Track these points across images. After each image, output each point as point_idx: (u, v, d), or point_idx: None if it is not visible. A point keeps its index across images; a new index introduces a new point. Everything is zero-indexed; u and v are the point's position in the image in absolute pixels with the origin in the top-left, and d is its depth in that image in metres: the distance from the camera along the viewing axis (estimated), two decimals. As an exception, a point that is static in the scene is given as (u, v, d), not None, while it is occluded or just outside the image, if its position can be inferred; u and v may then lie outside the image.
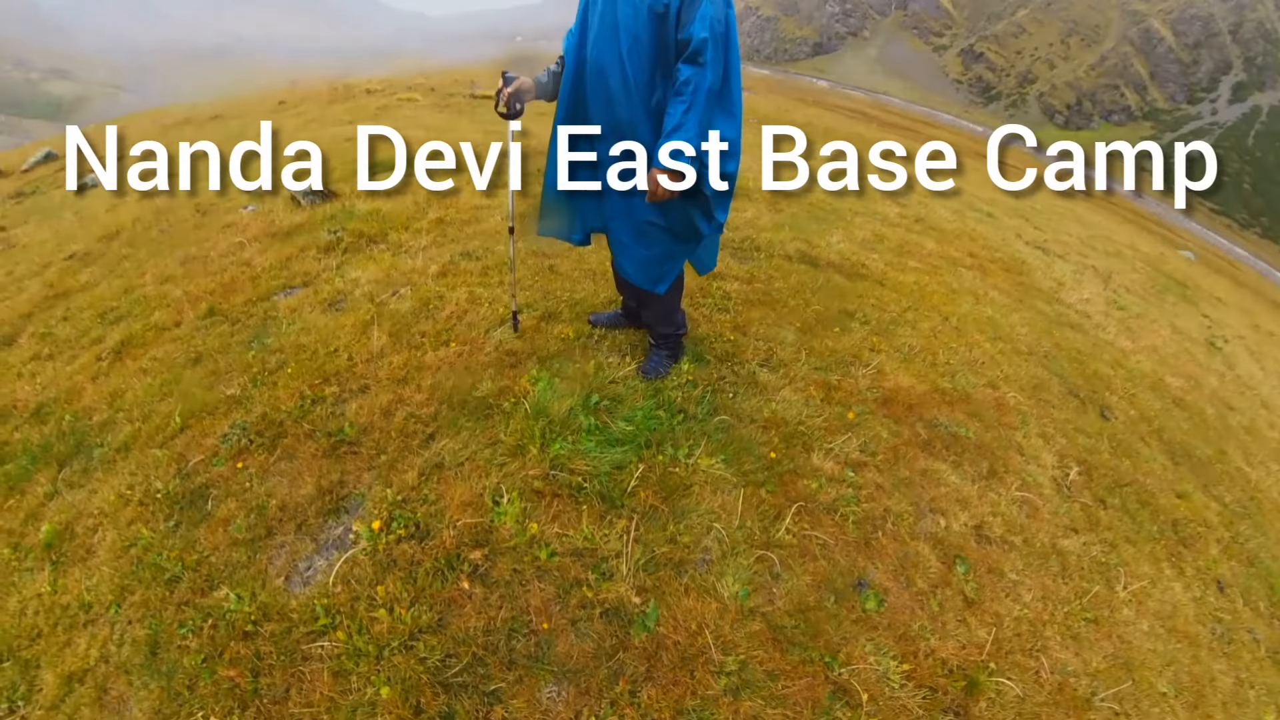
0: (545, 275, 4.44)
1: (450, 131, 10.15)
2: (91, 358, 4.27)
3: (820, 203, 7.31)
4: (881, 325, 4.45)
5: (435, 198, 6.02)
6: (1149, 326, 7.52)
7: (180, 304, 4.61)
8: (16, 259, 7.31)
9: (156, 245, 6.11)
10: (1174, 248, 23.95)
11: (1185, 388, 6.06)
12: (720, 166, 2.77)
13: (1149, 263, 12.92)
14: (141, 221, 6.97)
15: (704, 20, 2.57)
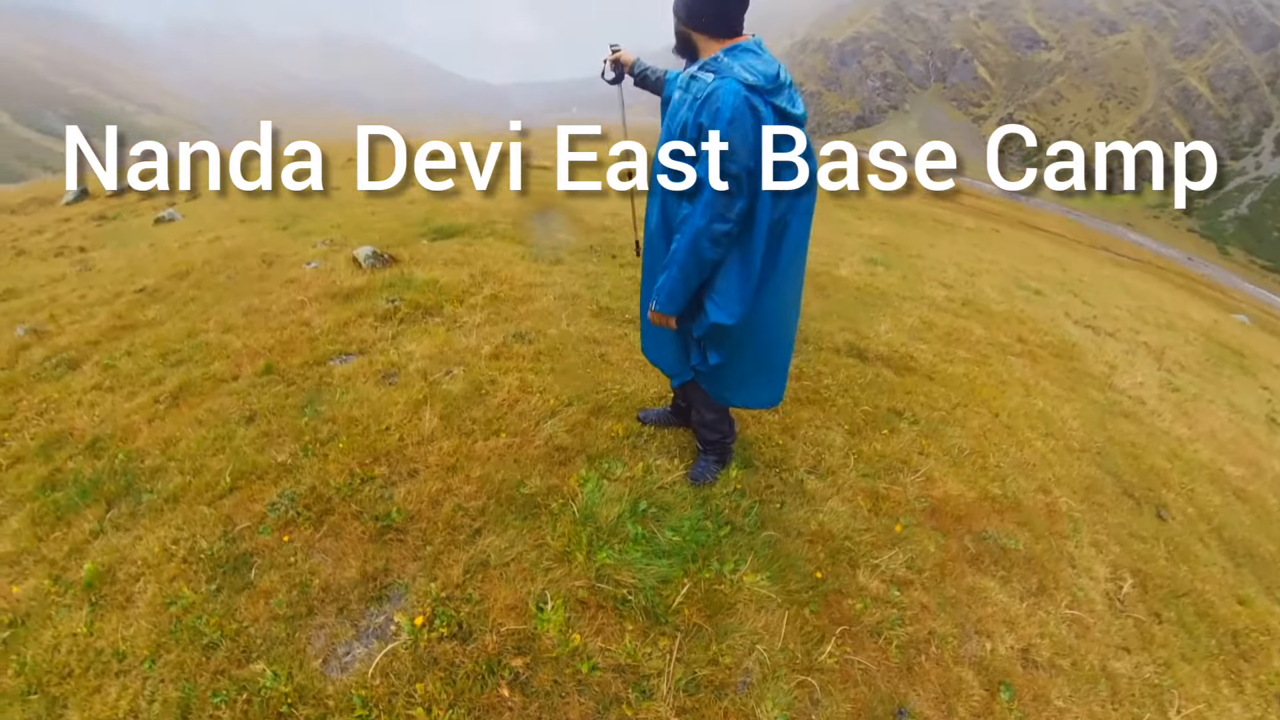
0: (597, 364, 4.38)
1: (505, 199, 10.28)
2: (150, 398, 4.28)
3: (868, 287, 7.20)
4: (931, 425, 4.29)
5: (493, 273, 6.05)
6: (1206, 408, 7.15)
7: (239, 357, 4.65)
8: (91, 283, 7.46)
9: (222, 291, 6.21)
10: (1228, 312, 23.05)
11: (1246, 476, 5.70)
12: (706, 317, 2.65)
13: (1203, 332, 12.41)
14: (210, 265, 7.11)
15: (707, 159, 2.40)
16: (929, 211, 22.15)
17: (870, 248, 10.14)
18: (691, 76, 2.53)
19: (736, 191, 2.40)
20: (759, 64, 2.42)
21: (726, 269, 2.57)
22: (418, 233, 7.71)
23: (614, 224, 8.67)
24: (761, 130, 2.37)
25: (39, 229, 13.82)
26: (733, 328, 2.65)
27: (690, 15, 2.52)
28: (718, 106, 2.35)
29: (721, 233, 2.46)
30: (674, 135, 2.56)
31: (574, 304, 5.40)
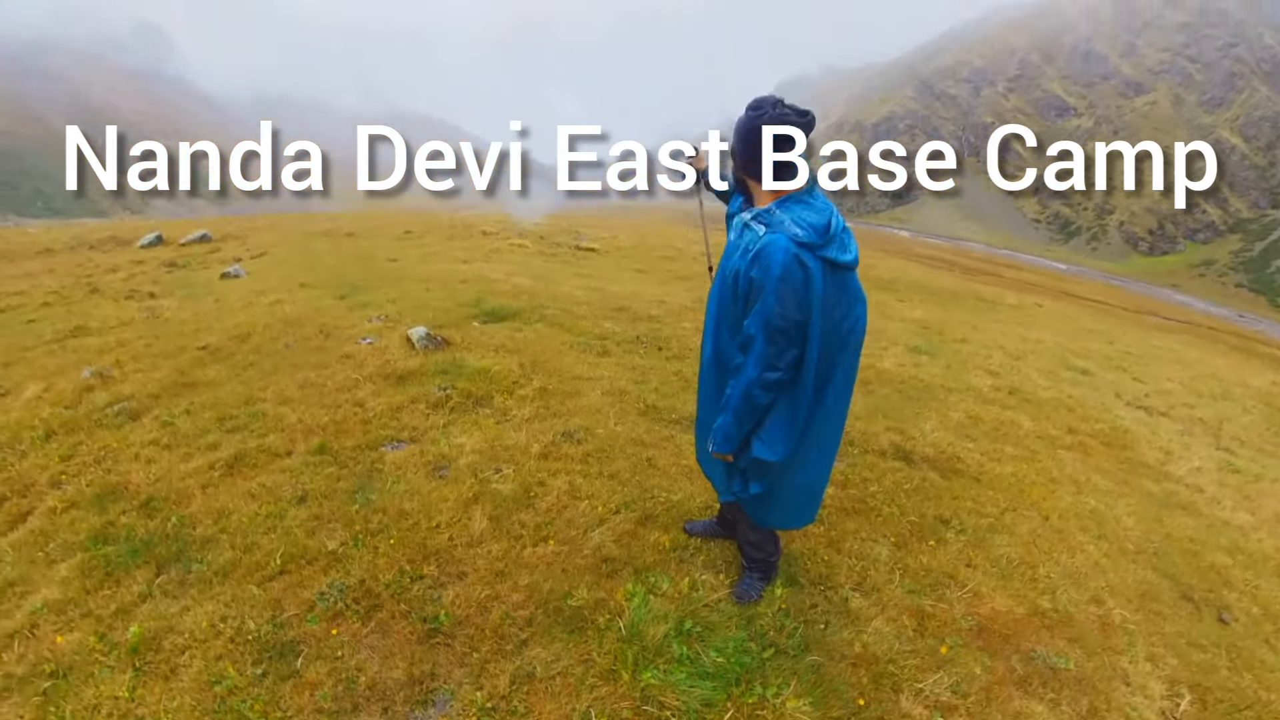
0: (644, 469, 4.38)
1: (553, 284, 10.54)
2: (205, 463, 4.35)
3: (912, 380, 7.11)
4: (978, 533, 4.17)
5: (541, 363, 6.14)
6: (1270, 489, 6.77)
7: (294, 432, 4.72)
8: (157, 332, 7.71)
9: (280, 359, 6.35)
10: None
11: None
12: (751, 452, 2.72)
13: (1262, 399, 11.86)
14: (271, 330, 7.28)
15: (757, 315, 2.46)
16: (970, 289, 22.00)
17: (913, 333, 10.05)
18: (745, 225, 2.61)
19: (786, 343, 2.48)
20: (810, 215, 2.47)
21: (775, 411, 2.64)
22: (470, 314, 7.86)
23: (660, 313, 8.74)
24: (810, 285, 2.43)
25: (114, 268, 14.60)
26: (776, 463, 2.70)
27: (744, 163, 2.61)
28: (768, 263, 2.42)
29: (773, 380, 2.54)
30: (727, 280, 2.67)
31: (621, 400, 5.45)
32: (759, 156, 2.52)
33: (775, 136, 2.48)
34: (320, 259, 13.57)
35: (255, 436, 4.70)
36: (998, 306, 17.68)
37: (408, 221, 23.83)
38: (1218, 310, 71.35)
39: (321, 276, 10.92)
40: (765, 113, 2.50)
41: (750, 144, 2.53)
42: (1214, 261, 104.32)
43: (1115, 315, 29.45)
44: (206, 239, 18.45)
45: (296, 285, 10.18)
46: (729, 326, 2.69)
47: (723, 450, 2.73)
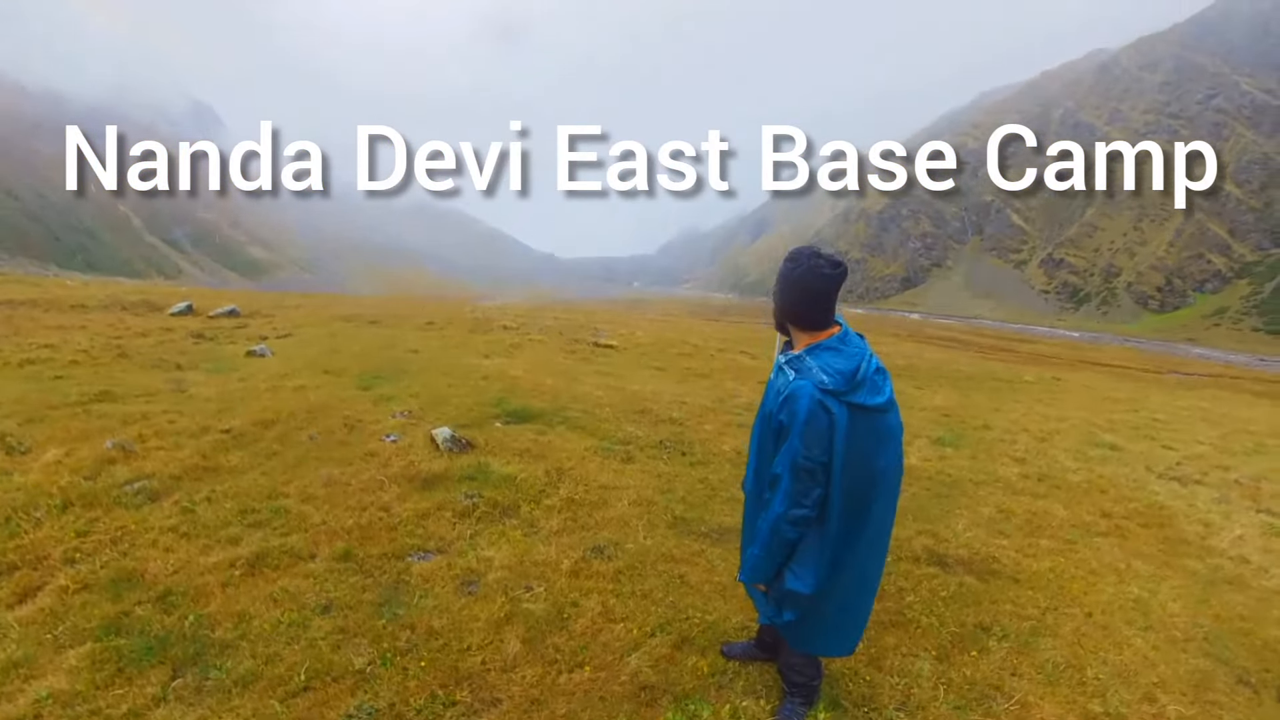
0: (677, 587, 4.28)
1: (574, 382, 10.49)
2: (225, 559, 4.22)
3: (938, 475, 7.02)
4: (1021, 638, 4.02)
5: (566, 471, 6.07)
6: None
7: (318, 533, 4.60)
8: (182, 408, 7.59)
9: (305, 452, 6.26)
10: None
11: None
12: (783, 583, 2.76)
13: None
14: (295, 418, 7.20)
15: (783, 457, 2.57)
16: (987, 369, 21.81)
17: (935, 423, 9.96)
18: (780, 368, 2.75)
19: (811, 483, 2.57)
20: (838, 361, 2.60)
21: (805, 545, 2.69)
22: (493, 413, 7.83)
23: (681, 415, 8.68)
24: (834, 429, 2.53)
25: (144, 332, 14.74)
26: (807, 595, 2.73)
27: (781, 309, 2.77)
28: (795, 408, 2.55)
29: (799, 517, 2.61)
30: (766, 418, 2.79)
31: (649, 511, 5.38)
32: (795, 305, 2.69)
33: (809, 287, 2.64)
34: (345, 344, 13.63)
35: (278, 535, 4.60)
36: (1016, 385, 17.50)
37: (430, 311, 24.02)
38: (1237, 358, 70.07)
39: (345, 363, 10.97)
40: (802, 264, 2.66)
41: (787, 292, 2.69)
42: (1226, 309, 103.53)
43: (1136, 378, 28.95)
44: (235, 314, 18.70)
45: (321, 371, 10.23)
46: (768, 461, 2.77)
47: (753, 580, 2.80)
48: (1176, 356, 60.02)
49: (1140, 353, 60.84)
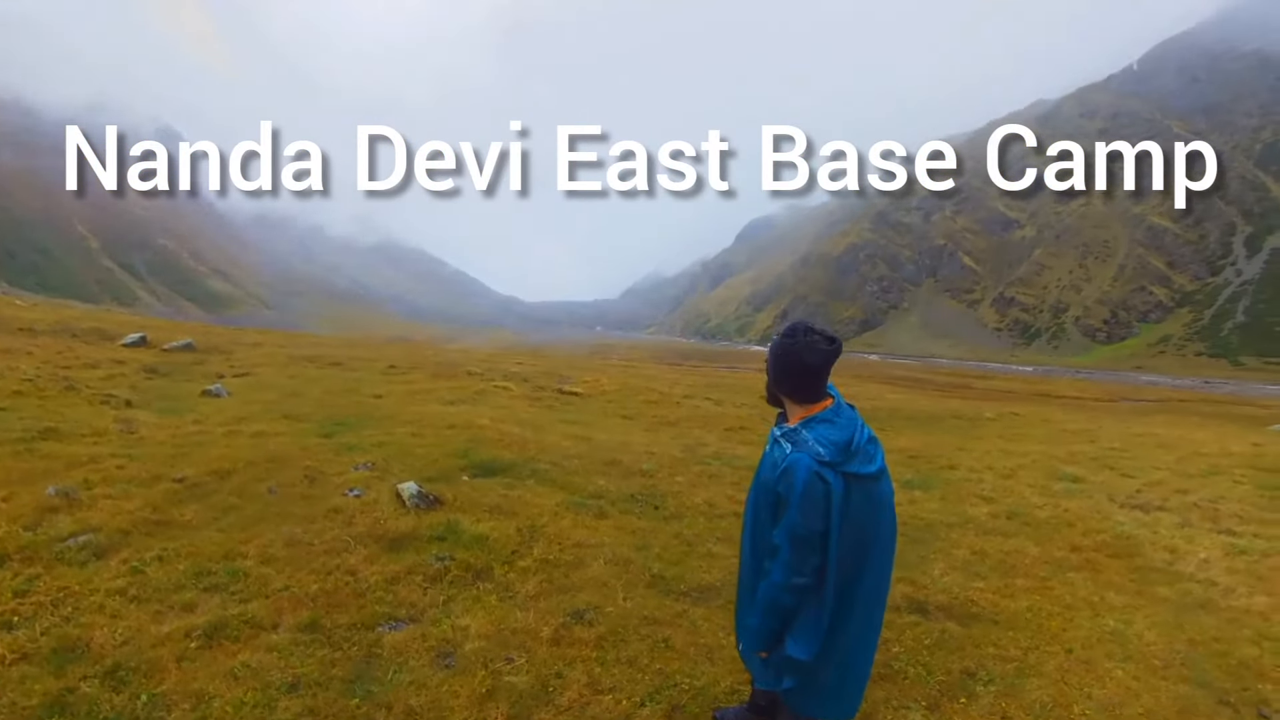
0: (662, 652, 4.16)
1: (541, 432, 10.27)
2: (180, 628, 3.87)
3: (911, 520, 7.05)
4: (1007, 681, 4.02)
5: (539, 528, 5.89)
6: (1279, 563, 6.66)
7: (280, 601, 4.28)
8: (132, 451, 7.12)
9: (264, 506, 5.93)
10: (1264, 425, 21.99)
11: None
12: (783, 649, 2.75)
13: (1249, 464, 11.76)
14: (254, 468, 6.84)
15: (784, 527, 2.61)
16: (948, 408, 22.10)
17: (903, 465, 10.04)
18: (776, 440, 2.78)
19: (809, 551, 2.60)
20: (833, 433, 2.64)
21: (804, 613, 2.70)
22: (459, 465, 7.56)
23: (652, 467, 8.55)
24: (830, 498, 2.57)
25: (94, 363, 13.92)
26: (807, 661, 2.72)
27: (776, 382, 2.81)
28: (793, 480, 2.58)
29: (799, 585, 2.63)
30: (761, 489, 2.82)
31: (627, 570, 5.26)
32: (791, 379, 2.74)
33: (806, 362, 2.70)
34: (305, 388, 13.10)
35: (236, 601, 4.26)
36: (977, 422, 17.77)
37: (394, 355, 23.27)
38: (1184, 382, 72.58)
39: (306, 408, 10.52)
40: (798, 339, 2.71)
41: (782, 366, 2.75)
42: (1170, 336, 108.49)
43: (1090, 409, 29.63)
44: (191, 348, 17.86)
45: (280, 415, 9.80)
46: (765, 530, 2.79)
47: (753, 648, 2.80)
48: (1127, 385, 61.74)
49: (1092, 383, 62.40)
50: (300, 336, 36.33)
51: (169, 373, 13.61)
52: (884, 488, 2.75)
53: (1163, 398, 43.11)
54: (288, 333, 43.74)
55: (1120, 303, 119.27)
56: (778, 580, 2.62)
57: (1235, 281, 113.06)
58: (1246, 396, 51.35)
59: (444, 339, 73.56)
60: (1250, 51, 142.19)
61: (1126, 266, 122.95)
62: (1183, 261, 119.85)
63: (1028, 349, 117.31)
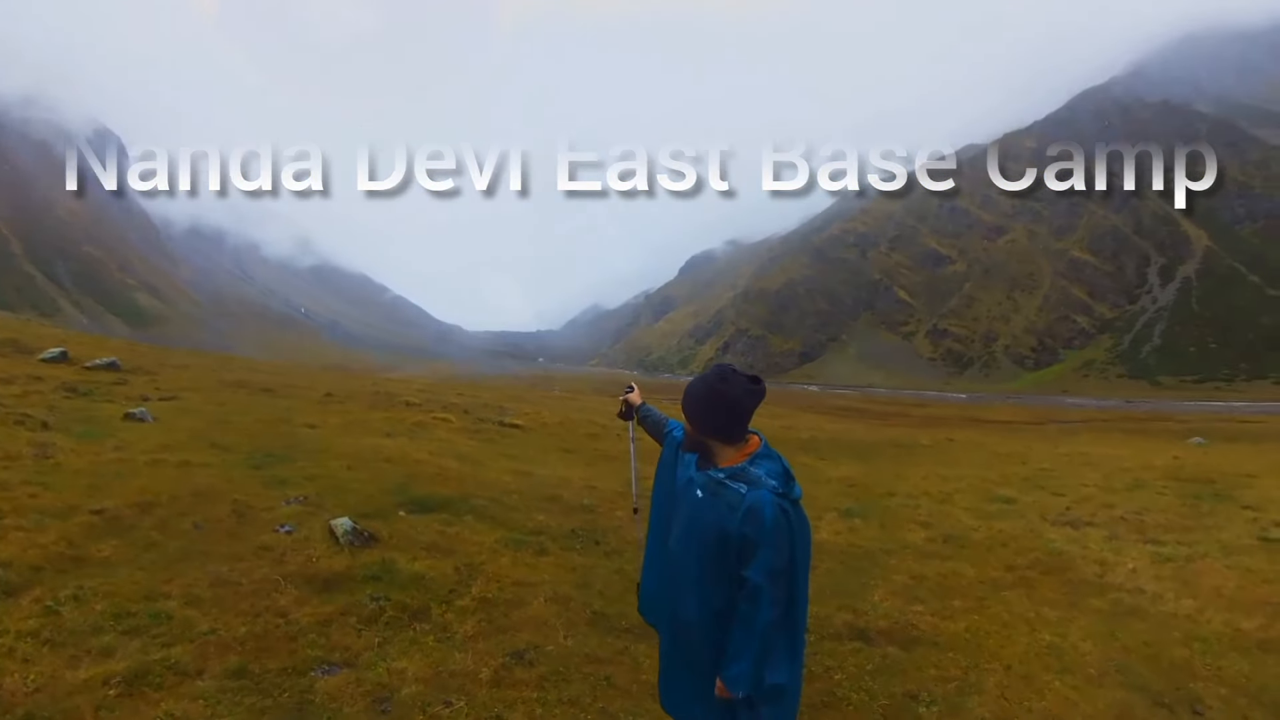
0: (605, 691, 4.04)
1: (480, 466, 9.96)
2: (98, 675, 3.57)
3: (850, 548, 7.10)
4: (949, 701, 4.05)
5: (477, 566, 5.69)
6: (1202, 566, 6.88)
7: (206, 645, 3.99)
8: (47, 479, 6.59)
9: (189, 543, 5.54)
10: (1182, 439, 23.00)
11: (1264, 623, 5.43)
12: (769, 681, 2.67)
13: (1170, 475, 12.33)
14: (179, 502, 6.40)
15: (762, 567, 2.55)
16: (886, 436, 22.56)
17: (842, 495, 10.15)
18: (720, 483, 2.68)
19: (784, 582, 2.58)
20: (775, 466, 2.64)
21: (780, 656, 2.67)
22: (396, 501, 7.24)
23: (593, 501, 8.42)
24: (791, 527, 2.57)
25: (8, 379, 12.88)
26: (788, 683, 2.69)
27: (711, 428, 2.73)
28: (761, 519, 2.53)
29: (780, 616, 2.59)
30: (708, 537, 2.68)
31: (567, 609, 5.10)
32: (728, 422, 2.69)
33: (741, 405, 2.67)
34: (235, 415, 12.31)
35: (159, 646, 3.95)
36: (914, 449, 18.15)
37: (329, 383, 22.11)
38: (1107, 403, 75.79)
39: (235, 438, 9.89)
40: (730, 384, 2.69)
41: (715, 410, 2.70)
42: (1094, 361, 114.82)
43: (1020, 431, 30.58)
44: (115, 367, 16.60)
45: (208, 444, 9.17)
46: (713, 580, 2.70)
47: (741, 691, 2.64)
48: (1054, 407, 64.10)
49: (1022, 407, 64.64)
50: (232, 360, 34.44)
51: (90, 392, 12.56)
52: (804, 511, 2.78)
53: (1088, 418, 44.82)
54: (219, 355, 41.59)
55: (1046, 331, 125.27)
56: (767, 618, 2.56)
57: (1151, 308, 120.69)
58: (1165, 413, 53.91)
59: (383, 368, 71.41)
60: (1158, 101, 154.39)
61: (1051, 297, 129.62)
62: (1102, 291, 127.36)
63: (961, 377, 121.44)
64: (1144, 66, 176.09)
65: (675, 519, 2.87)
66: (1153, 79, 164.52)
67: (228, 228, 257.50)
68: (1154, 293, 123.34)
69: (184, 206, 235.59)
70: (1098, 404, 74.31)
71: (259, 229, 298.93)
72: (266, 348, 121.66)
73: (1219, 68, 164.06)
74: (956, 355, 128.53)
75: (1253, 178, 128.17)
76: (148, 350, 27.94)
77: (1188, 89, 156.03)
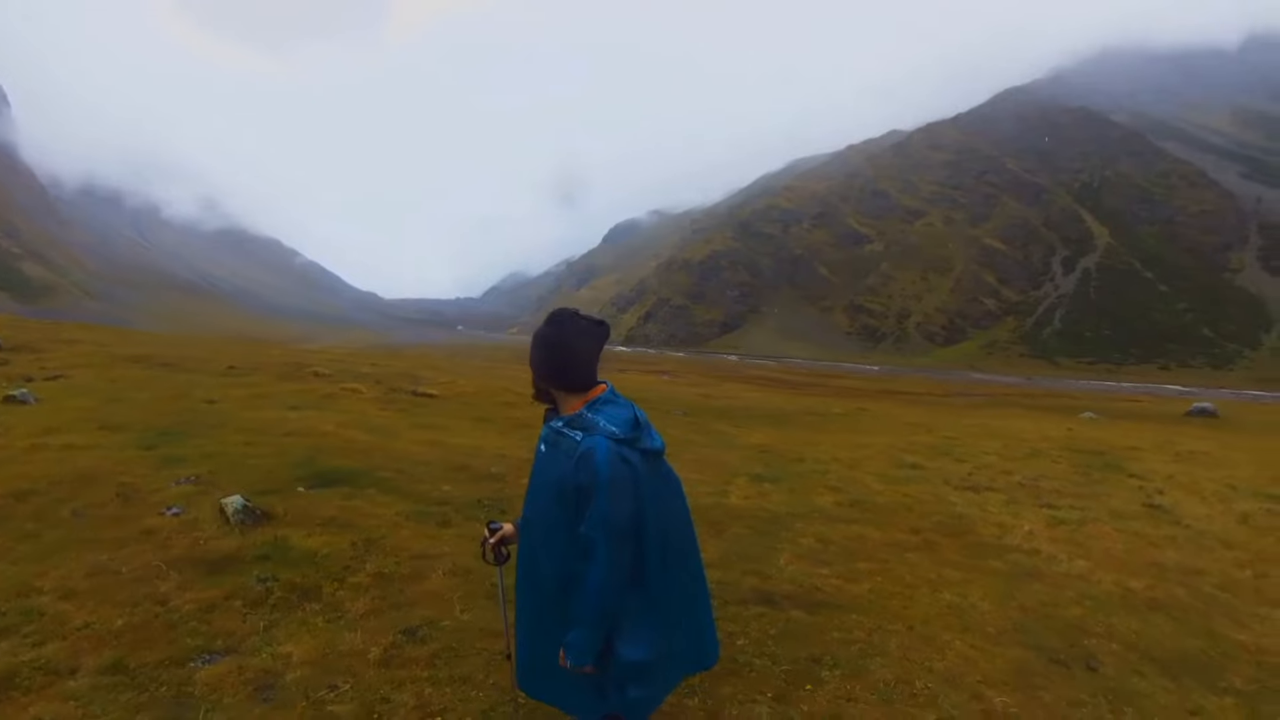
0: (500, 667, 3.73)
1: (390, 437, 9.60)
2: None
3: (759, 512, 7.06)
4: (852, 663, 4.02)
5: (376, 541, 5.40)
6: (1093, 530, 7.24)
7: (80, 640, 3.73)
8: None
9: (67, 532, 5.15)
10: (1076, 414, 24.26)
11: (1150, 583, 5.71)
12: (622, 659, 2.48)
13: (1064, 446, 12.99)
14: (59, 488, 5.98)
15: (595, 519, 2.35)
16: (802, 405, 22.95)
17: (754, 460, 10.17)
18: (558, 432, 2.52)
19: (626, 539, 2.38)
20: (620, 411, 2.47)
21: (629, 609, 2.47)
22: (296, 476, 6.87)
23: (502, 470, 8.14)
24: (636, 478, 2.39)
25: None
26: (647, 660, 2.49)
27: (549, 375, 2.57)
28: (594, 465, 2.35)
29: (620, 581, 2.39)
30: (550, 491, 2.50)
31: (467, 581, 4.85)
32: (565, 367, 2.52)
33: (578, 347, 2.51)
34: (128, 393, 11.51)
35: (30, 645, 3.70)
36: (828, 418, 18.49)
37: (235, 354, 20.99)
38: (1010, 379, 79.74)
39: (127, 416, 9.26)
40: (567, 325, 2.53)
41: (556, 356, 2.53)
42: (998, 340, 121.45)
43: (929, 404, 31.62)
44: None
45: (96, 425, 8.57)
46: (561, 540, 2.49)
47: (582, 662, 2.45)
48: (961, 382, 66.82)
49: (931, 380, 67.15)
50: (128, 333, 32.40)
51: None
52: (668, 466, 2.62)
53: (992, 393, 46.79)
54: (114, 329, 39.08)
55: (956, 311, 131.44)
56: (600, 579, 2.35)
57: (1054, 294, 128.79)
58: (1062, 390, 56.89)
59: (295, 338, 68.11)
60: (1077, 107, 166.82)
61: (962, 280, 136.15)
62: (1010, 276, 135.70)
63: (874, 350, 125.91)
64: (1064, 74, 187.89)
65: (530, 484, 2.68)
66: (1072, 86, 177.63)
67: (125, 187, 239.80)
68: (1057, 281, 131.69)
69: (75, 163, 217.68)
70: (1001, 380, 78.09)
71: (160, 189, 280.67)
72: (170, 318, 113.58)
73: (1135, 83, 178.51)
74: (871, 330, 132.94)
75: (1155, 185, 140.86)
76: (35, 326, 25.85)
77: (1103, 99, 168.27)
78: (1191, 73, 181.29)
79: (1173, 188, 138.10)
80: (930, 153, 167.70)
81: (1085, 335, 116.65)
